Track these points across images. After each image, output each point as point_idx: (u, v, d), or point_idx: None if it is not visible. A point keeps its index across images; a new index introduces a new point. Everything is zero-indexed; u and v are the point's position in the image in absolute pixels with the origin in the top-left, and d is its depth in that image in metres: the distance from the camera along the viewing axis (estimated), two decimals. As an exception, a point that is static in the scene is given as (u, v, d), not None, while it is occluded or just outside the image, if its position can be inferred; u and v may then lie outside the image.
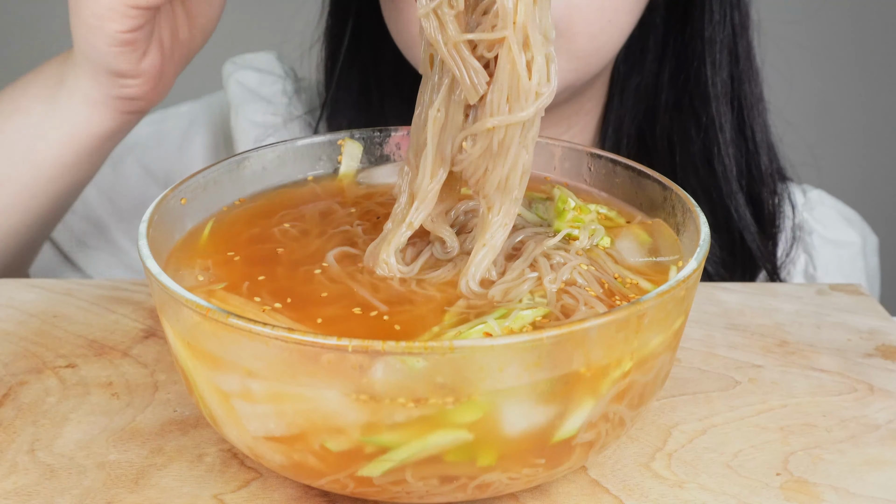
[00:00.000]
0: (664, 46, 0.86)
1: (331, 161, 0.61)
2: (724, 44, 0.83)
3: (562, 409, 0.41)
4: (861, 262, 0.95)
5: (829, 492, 0.48)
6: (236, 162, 0.57)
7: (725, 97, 0.84)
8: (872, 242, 0.99)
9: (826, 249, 0.93)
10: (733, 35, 0.83)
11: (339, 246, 0.52)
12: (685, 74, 0.85)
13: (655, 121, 0.87)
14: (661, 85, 0.86)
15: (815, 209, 0.95)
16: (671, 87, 0.86)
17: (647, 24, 0.85)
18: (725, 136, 0.84)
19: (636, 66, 0.87)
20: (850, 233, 0.95)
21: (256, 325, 0.38)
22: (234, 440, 0.44)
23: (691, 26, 0.83)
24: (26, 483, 0.48)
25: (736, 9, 0.83)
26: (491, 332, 0.43)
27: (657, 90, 0.87)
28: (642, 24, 0.84)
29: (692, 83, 0.84)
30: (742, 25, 0.84)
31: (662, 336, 0.43)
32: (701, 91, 0.84)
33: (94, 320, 0.63)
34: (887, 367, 0.59)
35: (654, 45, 0.86)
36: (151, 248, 0.46)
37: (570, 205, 0.53)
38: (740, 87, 0.84)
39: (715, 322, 0.64)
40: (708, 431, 0.53)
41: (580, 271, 0.48)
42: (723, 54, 0.83)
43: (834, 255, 0.94)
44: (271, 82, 0.97)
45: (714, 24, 0.82)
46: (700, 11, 0.82)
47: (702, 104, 0.84)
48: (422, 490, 0.42)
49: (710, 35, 0.82)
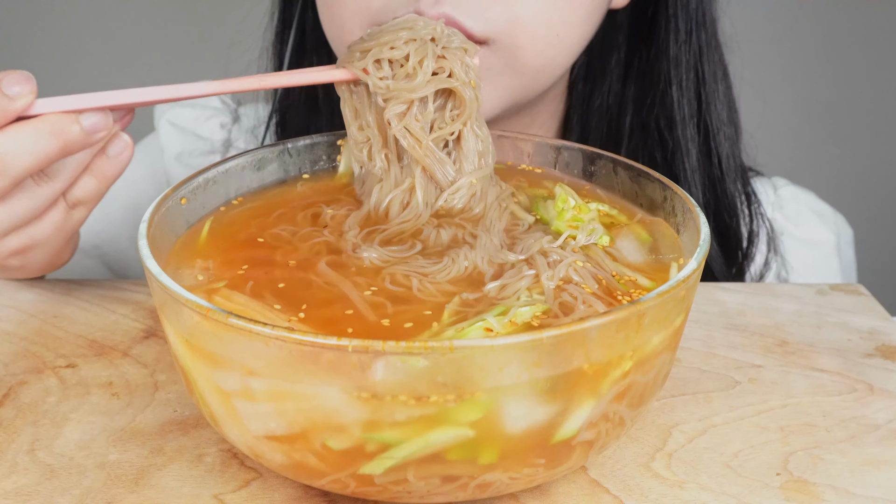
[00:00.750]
0: (627, 66, 0.82)
1: (330, 161, 0.61)
2: (691, 64, 0.79)
3: (562, 409, 0.41)
4: (835, 260, 0.92)
5: (829, 492, 0.48)
6: (236, 162, 0.57)
7: (692, 119, 0.80)
8: (847, 236, 0.95)
9: (798, 250, 0.90)
10: (699, 55, 0.80)
11: (337, 246, 0.52)
12: (651, 96, 0.81)
13: (620, 143, 0.83)
14: (625, 106, 0.83)
15: (785, 207, 0.92)
16: (636, 109, 0.82)
17: (610, 43, 0.82)
18: (692, 160, 0.81)
19: (597, 86, 0.83)
20: (822, 231, 0.92)
21: (257, 325, 0.38)
22: (234, 440, 0.44)
23: (656, 46, 0.80)
24: (26, 483, 0.48)
25: (702, 27, 0.79)
26: (491, 328, 0.43)
27: (621, 111, 0.83)
28: (604, 42, 0.81)
29: (658, 105, 0.81)
30: (708, 44, 0.80)
31: (662, 336, 0.43)
32: (667, 113, 0.81)
33: (94, 320, 0.63)
34: (887, 367, 0.59)
35: (616, 65, 0.82)
36: (151, 248, 0.46)
37: (570, 204, 0.53)
38: (707, 109, 0.81)
39: (715, 322, 0.64)
40: (708, 431, 0.53)
41: (576, 268, 0.48)
42: (689, 75, 0.80)
43: (807, 256, 0.91)
44: (207, 117, 0.93)
45: (680, 44, 0.79)
46: (665, 30, 0.79)
47: (668, 127, 0.81)
48: (423, 489, 0.42)
49: (676, 55, 0.79)
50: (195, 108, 0.93)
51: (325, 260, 0.50)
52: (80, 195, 0.58)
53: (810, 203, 0.94)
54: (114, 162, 0.58)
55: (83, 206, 0.59)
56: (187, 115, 0.92)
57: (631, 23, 0.82)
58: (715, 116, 0.81)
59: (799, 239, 0.90)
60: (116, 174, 0.59)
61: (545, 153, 0.61)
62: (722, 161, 0.82)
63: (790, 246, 0.89)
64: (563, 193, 0.54)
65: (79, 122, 0.54)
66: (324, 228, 0.54)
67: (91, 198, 0.59)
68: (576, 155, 0.60)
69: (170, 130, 0.91)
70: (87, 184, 0.58)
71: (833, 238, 0.92)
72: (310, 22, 0.82)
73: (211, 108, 0.93)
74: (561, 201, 0.54)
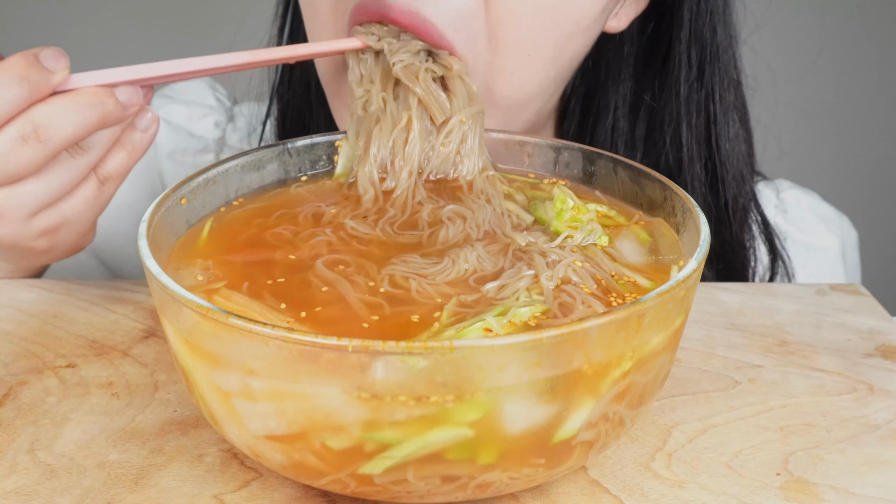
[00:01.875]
0: (634, 104, 0.78)
1: (330, 161, 0.61)
2: (702, 103, 0.75)
3: (562, 409, 0.41)
4: (840, 265, 0.90)
5: (829, 492, 0.48)
6: (236, 162, 0.57)
7: (700, 160, 0.77)
8: (852, 239, 0.94)
9: (802, 255, 0.89)
10: (712, 93, 0.75)
11: (335, 247, 0.52)
12: (661, 136, 0.77)
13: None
14: (634, 145, 0.78)
15: (788, 211, 0.90)
16: (646, 150, 0.78)
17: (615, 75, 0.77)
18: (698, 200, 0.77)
19: (600, 122, 0.78)
20: (827, 236, 0.90)
21: (256, 324, 0.39)
22: (234, 440, 0.44)
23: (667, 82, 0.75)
24: (26, 483, 0.48)
25: (716, 61, 0.75)
26: (490, 328, 0.43)
27: (631, 152, 0.79)
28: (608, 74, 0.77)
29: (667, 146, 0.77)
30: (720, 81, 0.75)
31: (662, 336, 0.43)
32: (675, 154, 0.76)
33: (94, 320, 0.63)
34: (887, 367, 0.59)
35: (623, 102, 0.78)
36: (151, 248, 0.46)
37: (569, 204, 0.54)
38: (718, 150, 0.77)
39: (715, 322, 0.64)
40: (708, 431, 0.53)
41: (575, 268, 0.48)
42: (700, 115, 0.75)
43: (811, 261, 0.89)
44: (201, 115, 0.92)
45: (691, 81, 0.74)
46: (677, 66, 0.74)
47: (677, 167, 0.77)
48: (422, 489, 0.42)
49: (687, 94, 0.75)
50: (189, 106, 0.92)
51: (326, 260, 0.50)
52: (111, 168, 0.60)
53: (814, 207, 0.92)
54: (143, 135, 0.60)
55: (112, 181, 0.61)
56: (181, 113, 0.92)
57: (640, 56, 0.77)
58: (725, 158, 0.77)
59: (802, 244, 0.89)
60: (145, 147, 0.61)
61: (545, 153, 0.61)
62: (729, 204, 0.79)
63: (793, 251, 0.88)
64: (562, 194, 0.54)
65: (114, 96, 0.56)
66: (325, 228, 0.54)
67: (120, 172, 0.61)
68: (576, 155, 0.60)
69: (163, 128, 0.91)
70: (117, 157, 0.60)
71: (837, 243, 0.90)
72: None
73: (205, 107, 0.93)
74: (559, 202, 0.54)
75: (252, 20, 0.88)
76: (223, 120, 0.93)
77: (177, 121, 0.92)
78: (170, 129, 0.91)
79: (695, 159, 0.77)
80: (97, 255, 0.91)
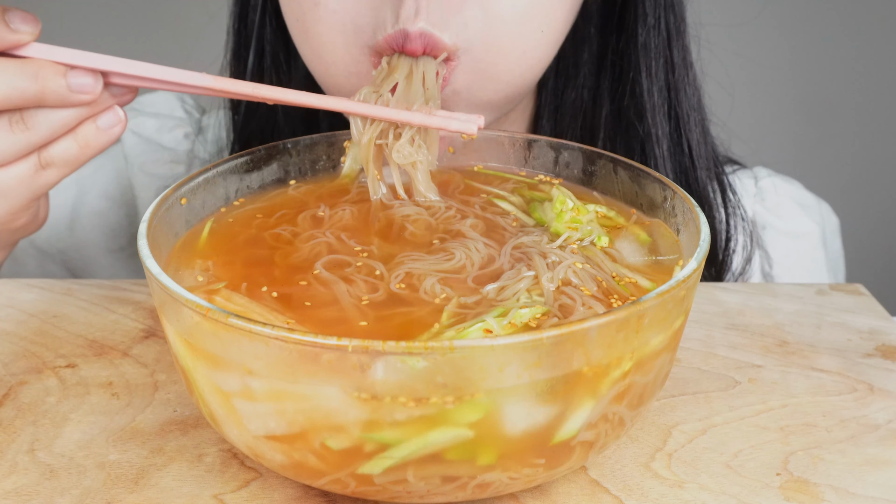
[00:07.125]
0: (600, 58, 0.81)
1: (330, 161, 0.61)
2: (660, 51, 0.78)
3: (562, 409, 0.41)
4: (821, 251, 0.90)
5: (829, 492, 0.48)
6: (236, 162, 0.57)
7: (662, 108, 0.79)
8: (832, 225, 0.93)
9: (782, 243, 0.88)
10: (668, 40, 0.78)
11: (336, 247, 0.52)
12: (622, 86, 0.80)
13: (596, 137, 0.82)
14: (601, 99, 0.81)
15: (766, 199, 0.89)
16: (611, 100, 0.80)
17: (581, 36, 0.80)
18: (662, 148, 0.79)
19: (570, 81, 0.81)
20: (806, 222, 0.89)
21: (256, 325, 0.39)
22: (234, 440, 0.44)
23: (626, 33, 0.78)
24: (26, 483, 0.48)
25: (671, 11, 0.78)
26: (490, 329, 0.43)
27: (596, 105, 0.81)
28: (575, 36, 0.79)
29: (628, 95, 0.79)
30: (677, 30, 0.78)
31: (662, 336, 0.43)
32: (637, 102, 0.79)
33: (94, 320, 0.63)
34: (887, 367, 0.59)
35: (589, 58, 0.81)
36: (151, 248, 0.46)
37: (569, 206, 0.53)
38: (677, 96, 0.80)
39: (715, 322, 0.64)
40: (708, 431, 0.53)
41: (575, 270, 0.48)
42: (658, 62, 0.78)
43: (791, 249, 0.89)
44: (171, 127, 0.91)
45: (648, 29, 0.77)
46: (633, 16, 0.77)
47: (638, 116, 0.79)
48: (422, 489, 0.42)
49: (645, 41, 0.77)
50: (158, 118, 0.91)
51: (326, 261, 0.50)
52: (56, 155, 0.57)
53: (793, 193, 0.91)
54: (101, 133, 0.57)
55: (55, 168, 0.58)
56: (150, 125, 0.90)
57: (601, 12, 0.80)
58: (685, 103, 0.80)
59: (782, 231, 0.88)
60: (101, 146, 0.58)
61: (544, 154, 0.61)
62: (693, 148, 0.80)
63: (773, 239, 0.87)
64: (562, 195, 0.54)
65: (65, 77, 0.53)
66: (325, 229, 0.54)
67: (67, 162, 0.58)
68: (576, 155, 0.60)
69: (132, 139, 0.90)
70: (66, 146, 0.57)
71: (817, 229, 0.89)
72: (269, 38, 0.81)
73: (175, 118, 0.91)
74: (559, 203, 0.54)
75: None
76: (192, 131, 0.92)
77: (147, 133, 0.91)
78: (140, 141, 0.90)
79: (657, 107, 0.79)
80: (67, 265, 0.89)
